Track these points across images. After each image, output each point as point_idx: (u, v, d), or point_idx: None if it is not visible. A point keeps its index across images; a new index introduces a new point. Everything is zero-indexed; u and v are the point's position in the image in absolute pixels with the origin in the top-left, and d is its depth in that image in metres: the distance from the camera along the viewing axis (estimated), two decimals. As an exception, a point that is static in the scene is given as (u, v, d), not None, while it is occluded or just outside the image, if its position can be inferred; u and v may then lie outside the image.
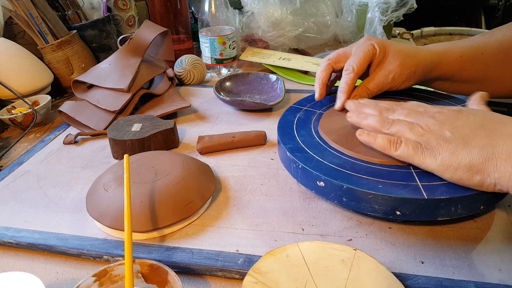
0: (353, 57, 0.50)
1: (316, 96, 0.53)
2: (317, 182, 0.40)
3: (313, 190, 0.41)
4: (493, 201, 0.38)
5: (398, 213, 0.36)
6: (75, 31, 0.83)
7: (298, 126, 0.50)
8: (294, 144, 0.45)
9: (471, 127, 0.36)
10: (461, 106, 0.49)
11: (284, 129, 0.49)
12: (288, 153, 0.44)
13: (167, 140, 0.58)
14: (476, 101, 0.44)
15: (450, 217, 0.36)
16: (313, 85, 0.80)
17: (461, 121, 0.37)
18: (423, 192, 0.35)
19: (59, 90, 0.85)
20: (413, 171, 0.39)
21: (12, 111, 0.70)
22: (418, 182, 0.37)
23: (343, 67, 0.51)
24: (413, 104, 0.44)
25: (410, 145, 0.37)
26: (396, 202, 0.36)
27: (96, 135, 0.64)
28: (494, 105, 1.13)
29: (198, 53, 0.90)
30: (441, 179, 0.37)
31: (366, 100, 0.47)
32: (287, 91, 0.77)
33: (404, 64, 0.49)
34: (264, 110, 0.69)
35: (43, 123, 0.72)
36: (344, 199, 0.38)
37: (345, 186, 0.37)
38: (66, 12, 0.86)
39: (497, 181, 0.33)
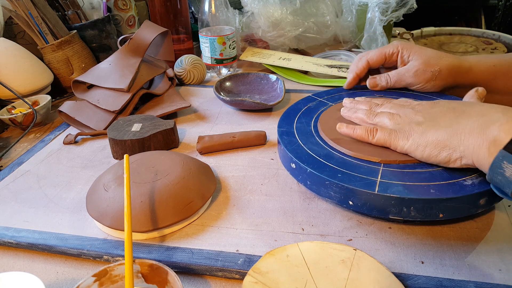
0: (372, 51, 0.57)
1: (346, 84, 0.59)
2: (290, 163, 0.44)
3: (289, 171, 0.45)
4: (454, 212, 0.36)
5: (350, 203, 0.38)
6: (75, 31, 0.83)
7: (302, 114, 0.53)
8: (288, 129, 0.49)
9: (443, 111, 0.39)
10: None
11: (288, 114, 0.53)
12: (277, 135, 0.48)
13: (167, 140, 0.58)
14: (469, 95, 0.46)
15: (403, 218, 0.37)
16: (313, 85, 0.80)
17: (436, 108, 0.41)
18: (376, 187, 0.37)
19: (59, 90, 0.85)
20: (381, 167, 0.40)
21: (12, 111, 0.70)
22: (379, 178, 0.38)
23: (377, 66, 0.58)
24: (402, 99, 0.48)
25: (385, 132, 0.41)
26: (348, 191, 0.38)
27: (96, 135, 0.64)
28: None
29: (198, 53, 0.90)
30: (403, 179, 0.38)
31: (361, 98, 0.51)
32: (287, 91, 0.77)
33: (428, 62, 0.52)
34: (264, 110, 0.69)
35: (43, 123, 0.72)
36: (308, 182, 0.41)
37: (308, 170, 0.40)
38: (66, 12, 0.86)
39: (462, 154, 0.35)
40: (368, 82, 0.56)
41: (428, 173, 0.38)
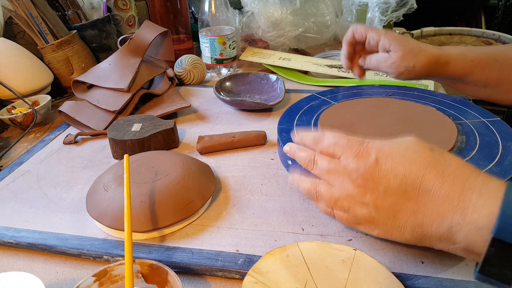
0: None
1: (346, 68, 0.60)
2: (287, 160, 0.45)
3: (286, 168, 0.46)
4: None
5: None
6: (75, 31, 0.83)
7: (304, 112, 0.54)
8: (288, 126, 0.51)
9: (394, 196, 0.33)
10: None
11: (290, 112, 0.55)
12: (277, 132, 0.49)
13: (167, 140, 0.58)
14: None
15: None
16: (313, 85, 0.80)
17: (381, 185, 0.33)
18: None
19: (59, 90, 0.85)
20: None
21: (12, 111, 0.70)
22: None
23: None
24: (328, 140, 0.37)
25: (342, 219, 0.36)
26: None
27: (96, 135, 0.64)
28: (494, 105, 1.13)
29: (198, 53, 0.90)
30: None
31: (307, 137, 0.40)
32: (287, 91, 0.77)
33: (404, 57, 0.52)
34: (264, 110, 0.69)
35: (43, 123, 0.72)
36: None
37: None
38: (66, 12, 0.86)
39: (441, 248, 0.33)
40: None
41: None
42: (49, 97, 0.73)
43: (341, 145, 0.36)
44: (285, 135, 0.48)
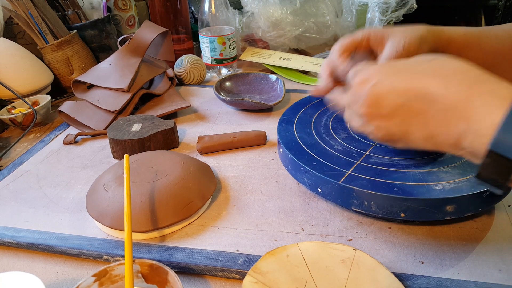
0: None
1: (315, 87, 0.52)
2: (279, 149, 0.47)
3: (279, 156, 0.47)
4: (417, 214, 0.37)
5: (319, 190, 0.41)
6: (75, 31, 0.83)
7: (312, 106, 0.55)
8: (290, 117, 0.52)
9: (400, 114, 0.33)
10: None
11: (298, 104, 0.55)
12: (278, 122, 0.51)
13: (167, 140, 0.58)
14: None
15: (365, 211, 0.39)
16: (313, 85, 0.80)
17: (384, 108, 0.34)
18: (342, 178, 0.39)
19: (59, 90, 0.85)
20: (358, 162, 0.42)
21: (12, 111, 0.70)
22: (350, 170, 0.40)
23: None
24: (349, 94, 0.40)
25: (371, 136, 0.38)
26: (317, 179, 0.41)
27: (96, 135, 0.64)
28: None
29: (198, 53, 0.90)
30: (374, 175, 0.39)
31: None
32: (287, 91, 0.77)
33: (408, 51, 0.45)
34: (264, 110, 0.69)
35: (43, 123, 0.72)
36: (289, 167, 0.45)
37: (289, 156, 0.44)
38: (66, 12, 0.86)
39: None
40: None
41: (403, 173, 0.39)
42: (49, 97, 0.73)
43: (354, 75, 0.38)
44: (284, 125, 0.49)
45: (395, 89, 0.33)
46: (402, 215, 0.37)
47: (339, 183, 0.38)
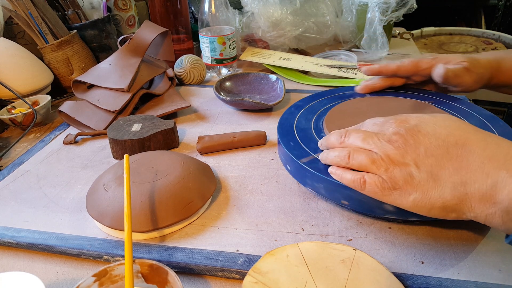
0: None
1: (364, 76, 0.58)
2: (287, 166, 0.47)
3: (286, 168, 0.47)
4: (357, 204, 0.39)
5: (288, 167, 0.44)
6: (75, 31, 0.83)
7: (330, 98, 0.57)
8: (303, 104, 0.55)
9: (436, 155, 0.32)
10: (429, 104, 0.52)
11: (315, 95, 0.58)
12: (279, 119, 0.52)
13: (167, 140, 0.58)
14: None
15: (316, 193, 0.43)
16: (313, 85, 0.80)
17: (422, 146, 0.33)
18: (304, 159, 0.42)
19: (59, 90, 0.85)
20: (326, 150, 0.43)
21: (12, 111, 0.70)
22: (314, 155, 0.43)
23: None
24: (368, 123, 0.39)
25: (375, 185, 0.34)
26: (287, 157, 0.44)
27: (96, 135, 0.64)
28: (494, 105, 1.13)
29: (198, 53, 0.90)
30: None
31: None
32: (287, 91, 0.77)
33: (474, 66, 0.50)
34: (264, 110, 0.69)
35: (43, 123, 0.72)
36: (288, 167, 0.45)
37: (281, 143, 0.46)
38: (66, 12, 0.86)
39: (473, 219, 0.32)
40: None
41: None
42: (49, 97, 0.73)
43: (379, 123, 0.37)
44: (284, 137, 0.48)
45: (436, 133, 0.33)
46: (345, 202, 0.39)
47: (299, 162, 0.42)
